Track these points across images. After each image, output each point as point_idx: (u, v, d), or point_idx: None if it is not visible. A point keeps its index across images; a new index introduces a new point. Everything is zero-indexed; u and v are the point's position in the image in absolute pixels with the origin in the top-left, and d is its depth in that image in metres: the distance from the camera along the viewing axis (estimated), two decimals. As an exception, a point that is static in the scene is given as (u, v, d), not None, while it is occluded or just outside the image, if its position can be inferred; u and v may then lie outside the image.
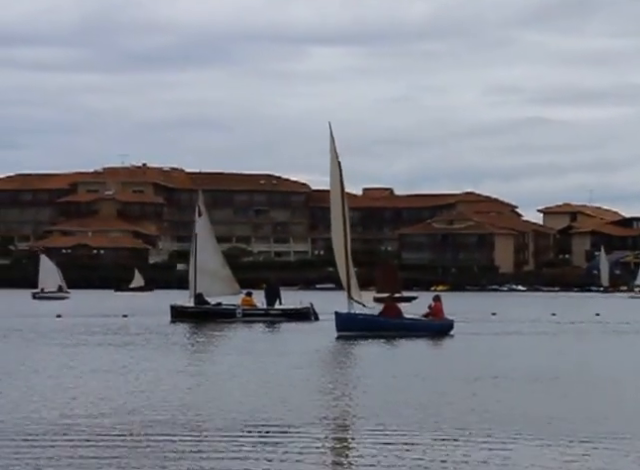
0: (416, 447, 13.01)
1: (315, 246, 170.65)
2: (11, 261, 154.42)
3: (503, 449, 12.88)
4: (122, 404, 17.02)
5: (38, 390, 18.94)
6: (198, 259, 48.03)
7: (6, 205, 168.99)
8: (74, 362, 24.92)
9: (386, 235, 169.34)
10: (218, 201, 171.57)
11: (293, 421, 15.14)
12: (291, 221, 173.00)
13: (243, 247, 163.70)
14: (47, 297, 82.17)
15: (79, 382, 20.51)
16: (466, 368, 23.77)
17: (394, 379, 21.30)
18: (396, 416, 15.65)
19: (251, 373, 22.24)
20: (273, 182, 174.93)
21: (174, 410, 16.30)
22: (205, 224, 50.22)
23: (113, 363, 24.53)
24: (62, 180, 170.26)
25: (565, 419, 15.49)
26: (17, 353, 27.88)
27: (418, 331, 35.51)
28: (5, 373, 22.15)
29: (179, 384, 20.07)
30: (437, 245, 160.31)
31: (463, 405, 16.94)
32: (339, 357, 28.34)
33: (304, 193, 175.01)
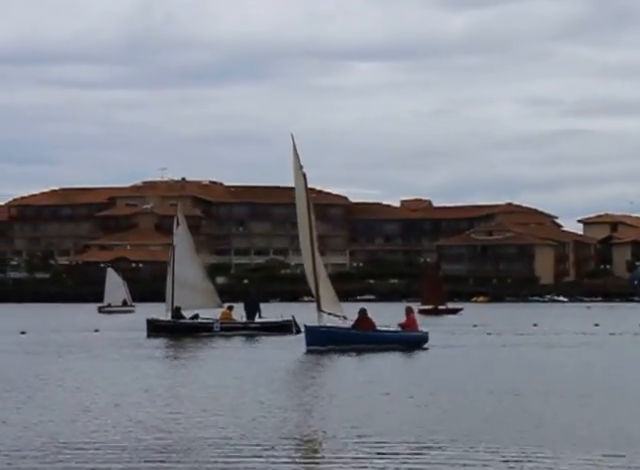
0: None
1: (354, 258, 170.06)
2: (51, 275, 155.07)
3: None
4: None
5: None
6: (176, 272, 46.34)
7: (46, 220, 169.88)
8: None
9: (425, 246, 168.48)
10: (256, 214, 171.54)
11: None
12: (329, 234, 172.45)
13: (281, 260, 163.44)
14: (113, 311, 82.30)
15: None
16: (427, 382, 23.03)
17: (346, 397, 20.06)
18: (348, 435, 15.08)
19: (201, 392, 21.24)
20: (312, 195, 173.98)
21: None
22: (184, 236, 48.15)
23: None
24: (101, 194, 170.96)
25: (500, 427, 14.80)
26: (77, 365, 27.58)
27: (392, 344, 34.27)
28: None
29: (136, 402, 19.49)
30: (476, 256, 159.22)
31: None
32: (297, 373, 27.08)
33: (343, 205, 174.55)
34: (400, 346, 34.03)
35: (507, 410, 18.12)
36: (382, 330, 35.39)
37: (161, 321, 45.39)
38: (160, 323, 45.03)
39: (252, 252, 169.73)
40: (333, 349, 33.15)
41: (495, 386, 22.20)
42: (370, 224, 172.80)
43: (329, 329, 34.92)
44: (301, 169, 36.87)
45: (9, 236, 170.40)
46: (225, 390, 21.51)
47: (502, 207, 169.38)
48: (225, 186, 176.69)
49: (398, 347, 33.84)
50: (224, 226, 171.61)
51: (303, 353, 32.99)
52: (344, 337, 34.39)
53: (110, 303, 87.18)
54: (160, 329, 44.09)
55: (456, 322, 62.10)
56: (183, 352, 35.46)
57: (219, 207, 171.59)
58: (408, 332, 35.14)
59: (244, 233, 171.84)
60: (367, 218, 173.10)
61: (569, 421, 16.63)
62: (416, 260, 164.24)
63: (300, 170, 36.87)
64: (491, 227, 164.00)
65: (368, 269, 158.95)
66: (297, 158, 36.87)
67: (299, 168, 36.93)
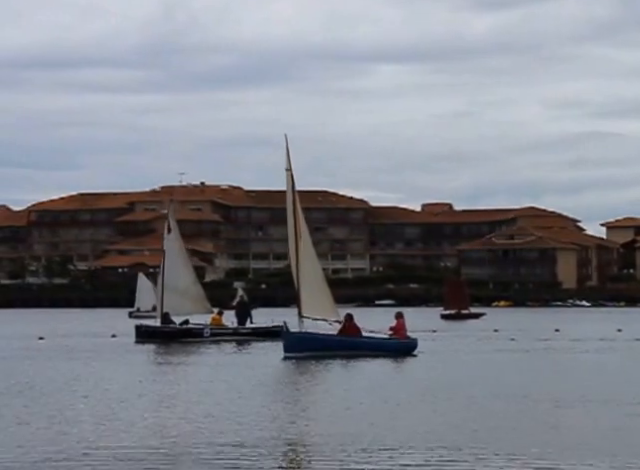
0: None
1: (374, 262, 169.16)
2: (70, 281, 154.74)
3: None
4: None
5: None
6: (166, 277, 45.75)
7: (65, 225, 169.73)
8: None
9: (446, 251, 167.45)
10: (276, 218, 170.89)
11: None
12: (349, 238, 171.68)
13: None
14: (143, 316, 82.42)
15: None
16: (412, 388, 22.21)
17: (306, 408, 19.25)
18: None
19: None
20: (331, 199, 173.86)
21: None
22: (174, 240, 47.31)
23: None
24: (120, 199, 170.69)
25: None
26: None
27: (378, 351, 32.76)
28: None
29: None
30: (498, 260, 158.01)
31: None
32: (270, 381, 25.58)
33: (362, 209, 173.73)
34: (386, 353, 32.59)
35: (518, 416, 17.20)
36: (368, 336, 33.84)
37: (150, 327, 44.78)
38: (149, 329, 44.44)
39: (271, 257, 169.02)
40: (313, 356, 31.57)
41: (506, 391, 21.21)
42: (390, 228, 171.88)
43: (308, 335, 33.32)
44: (289, 171, 36.01)
45: (28, 241, 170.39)
46: (225, 396, 20.76)
47: (524, 211, 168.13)
48: (244, 190, 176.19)
49: (384, 354, 32.42)
50: (243, 231, 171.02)
51: (280, 360, 31.48)
52: (324, 344, 32.91)
53: (139, 308, 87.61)
54: (149, 335, 43.56)
55: (478, 327, 61.12)
56: (182, 357, 34.64)
57: (238, 211, 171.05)
58: (396, 338, 33.68)
59: (263, 238, 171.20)
60: (387, 222, 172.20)
61: (587, 428, 15.91)
62: (436, 265, 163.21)
63: (288, 171, 36.03)
64: (513, 231, 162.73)
65: (388, 273, 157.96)
66: (288, 159, 36.02)
67: (287, 169, 36.12)
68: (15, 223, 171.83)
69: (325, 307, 34.31)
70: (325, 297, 34.60)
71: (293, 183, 35.87)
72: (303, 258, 34.64)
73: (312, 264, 35.08)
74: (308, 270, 34.61)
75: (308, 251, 35.10)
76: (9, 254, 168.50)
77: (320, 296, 34.46)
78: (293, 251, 34.89)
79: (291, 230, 35.20)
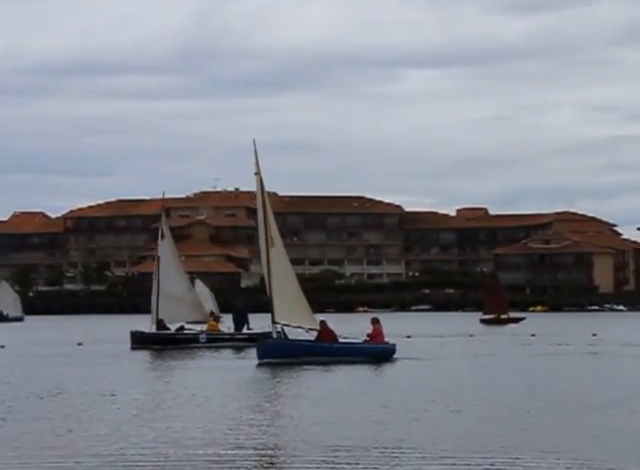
0: None
1: (409, 268, 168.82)
2: (107, 287, 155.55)
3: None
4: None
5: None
6: (161, 284, 45.63)
7: (102, 231, 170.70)
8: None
9: (481, 256, 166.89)
10: (311, 224, 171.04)
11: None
12: (384, 243, 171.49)
13: (336, 270, 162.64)
14: (201, 321, 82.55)
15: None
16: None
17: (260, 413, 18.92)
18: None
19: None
20: (366, 204, 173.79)
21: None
22: (168, 247, 47.23)
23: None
24: (155, 205, 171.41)
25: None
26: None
27: (355, 356, 32.26)
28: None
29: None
30: (534, 265, 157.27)
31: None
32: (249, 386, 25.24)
33: (397, 214, 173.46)
34: (363, 358, 32.13)
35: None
36: (344, 342, 33.41)
37: (145, 333, 44.64)
38: (144, 335, 44.33)
39: (306, 262, 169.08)
40: (287, 362, 31.10)
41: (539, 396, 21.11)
42: (425, 233, 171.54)
43: (282, 342, 32.92)
44: (257, 175, 35.44)
45: (65, 248, 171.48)
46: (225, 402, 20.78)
47: (559, 215, 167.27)
48: (279, 196, 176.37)
49: (361, 360, 31.98)
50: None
51: (254, 367, 30.95)
52: (299, 350, 32.43)
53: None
54: (144, 341, 43.43)
55: (516, 331, 60.89)
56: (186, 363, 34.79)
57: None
58: (373, 344, 33.14)
59: (298, 243, 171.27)
60: (422, 227, 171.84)
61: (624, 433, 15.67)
62: (472, 270, 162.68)
63: (257, 176, 35.46)
64: (548, 235, 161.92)
65: (424, 279, 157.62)
66: (257, 163, 35.52)
67: (256, 173, 35.51)
68: (52, 230, 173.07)
69: (300, 314, 33.78)
70: (300, 304, 34.06)
71: (262, 187, 35.32)
72: (276, 265, 34.04)
73: (285, 271, 34.49)
74: (281, 277, 34.02)
75: (281, 258, 34.54)
76: (47, 261, 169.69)
77: (295, 303, 33.89)
78: (265, 257, 34.27)
79: (262, 235, 34.63)
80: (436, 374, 28.61)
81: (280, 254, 34.60)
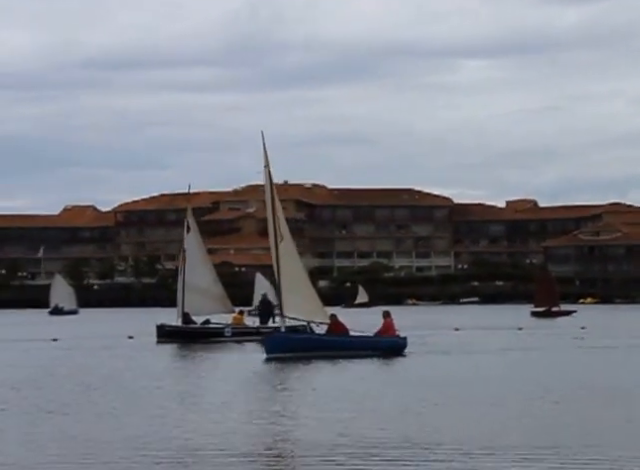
0: None
1: (458, 260, 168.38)
2: (157, 280, 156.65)
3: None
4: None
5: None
6: (187, 277, 45.89)
7: (152, 225, 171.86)
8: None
9: (531, 248, 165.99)
10: (360, 217, 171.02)
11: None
12: (433, 235, 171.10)
13: (384, 262, 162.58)
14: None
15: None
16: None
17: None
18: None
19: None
20: (415, 197, 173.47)
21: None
22: (194, 240, 47.53)
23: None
24: (205, 198, 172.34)
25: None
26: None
27: (365, 350, 31.93)
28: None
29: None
30: (584, 257, 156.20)
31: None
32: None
33: (447, 207, 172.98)
34: (373, 352, 31.80)
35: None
36: (354, 336, 33.13)
37: (171, 326, 44.76)
38: (170, 328, 44.44)
39: (355, 255, 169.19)
40: (296, 357, 30.82)
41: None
42: (474, 225, 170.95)
43: (291, 336, 32.97)
44: (266, 167, 35.29)
45: (116, 241, 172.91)
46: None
47: (610, 207, 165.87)
48: (328, 189, 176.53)
49: (371, 354, 31.64)
50: (327, 229, 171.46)
51: (262, 362, 30.71)
52: (307, 344, 32.17)
53: (258, 306, 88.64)
54: (170, 334, 43.53)
55: (566, 324, 60.61)
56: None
57: (322, 210, 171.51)
58: (383, 337, 32.83)
59: (347, 236, 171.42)
60: (471, 219, 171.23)
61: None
62: (522, 262, 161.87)
63: (266, 168, 35.30)
64: (599, 227, 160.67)
65: (473, 271, 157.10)
66: (266, 156, 35.34)
67: (265, 166, 35.34)
68: (103, 224, 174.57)
69: (310, 308, 33.58)
70: (311, 298, 33.91)
71: (271, 181, 35.26)
72: (285, 259, 33.94)
73: (295, 264, 34.38)
74: (291, 270, 33.89)
75: (290, 252, 34.41)
76: (98, 254, 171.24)
77: (304, 297, 33.71)
78: (274, 250, 34.23)
79: (271, 230, 34.51)
80: (479, 367, 28.43)
81: (289, 248, 34.44)
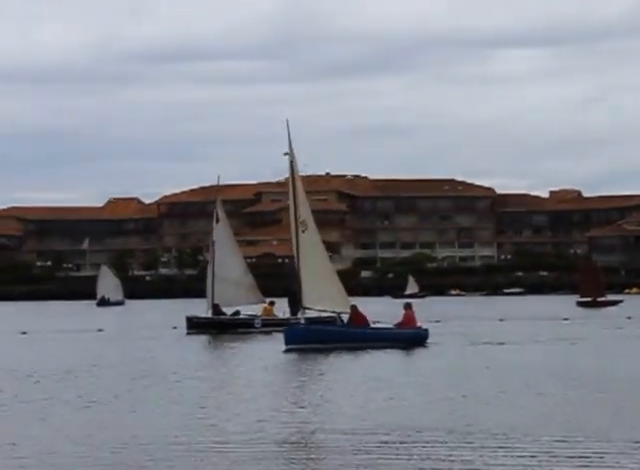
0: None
1: (502, 251, 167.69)
2: (199, 271, 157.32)
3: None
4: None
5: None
6: (216, 267, 45.80)
7: (194, 217, 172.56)
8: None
9: (575, 238, 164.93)
10: (402, 208, 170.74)
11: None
12: (476, 226, 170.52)
13: (427, 253, 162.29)
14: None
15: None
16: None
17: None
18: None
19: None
20: (458, 187, 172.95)
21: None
22: (223, 231, 47.48)
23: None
24: (247, 190, 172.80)
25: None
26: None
27: (385, 342, 31.71)
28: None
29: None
30: (629, 247, 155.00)
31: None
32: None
33: (490, 197, 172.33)
34: (394, 344, 31.58)
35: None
36: (375, 327, 32.97)
37: (201, 318, 44.77)
38: (200, 320, 44.44)
39: (398, 246, 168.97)
40: (315, 348, 30.74)
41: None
42: (518, 216, 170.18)
43: (310, 327, 32.72)
44: (287, 155, 35.14)
45: (159, 233, 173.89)
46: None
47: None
48: (370, 180, 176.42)
49: (391, 345, 31.43)
50: (369, 220, 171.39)
51: (281, 353, 30.58)
52: (327, 335, 31.99)
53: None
54: (200, 326, 43.54)
55: (612, 314, 60.16)
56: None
57: (364, 201, 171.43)
58: (404, 329, 32.64)
59: (389, 227, 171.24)
60: (515, 210, 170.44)
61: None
62: (566, 252, 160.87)
63: (287, 156, 35.18)
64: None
65: (516, 261, 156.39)
66: (290, 143, 35.07)
67: (286, 154, 35.20)
68: (147, 215, 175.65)
69: (331, 299, 33.32)
70: (333, 288, 33.59)
71: (292, 169, 34.98)
72: (308, 249, 33.64)
73: (318, 254, 34.04)
74: (313, 261, 33.62)
75: (313, 242, 34.08)
76: (142, 246, 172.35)
77: (326, 287, 33.43)
78: (294, 240, 33.96)
79: (292, 218, 34.22)
80: (523, 357, 28.41)
81: (312, 238, 34.14)
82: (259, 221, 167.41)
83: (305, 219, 34.13)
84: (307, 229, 34.05)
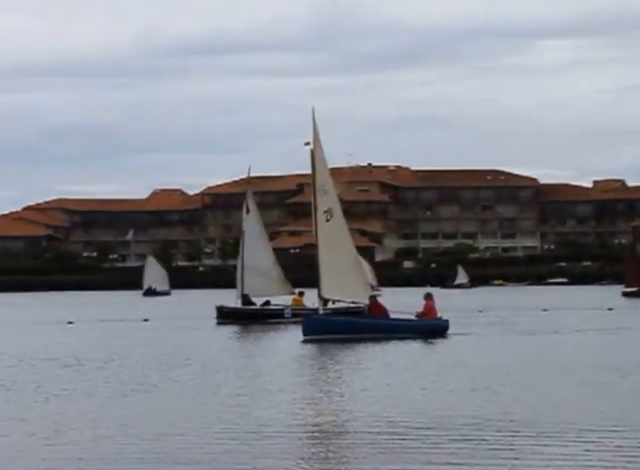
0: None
1: (545, 241, 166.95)
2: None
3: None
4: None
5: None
6: (246, 258, 45.73)
7: (237, 207, 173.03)
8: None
9: (619, 228, 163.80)
10: (444, 198, 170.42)
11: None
12: (519, 216, 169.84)
13: (469, 243, 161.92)
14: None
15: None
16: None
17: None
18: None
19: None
20: (500, 177, 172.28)
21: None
22: (253, 222, 47.37)
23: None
24: (289, 181, 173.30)
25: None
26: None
27: (405, 333, 31.40)
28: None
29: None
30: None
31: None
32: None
33: (532, 187, 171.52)
34: (413, 335, 31.34)
35: None
36: (394, 318, 32.66)
37: (231, 308, 44.98)
38: (230, 310, 44.67)
39: (440, 236, 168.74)
40: (333, 339, 30.49)
41: None
42: (561, 206, 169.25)
43: (328, 318, 32.56)
44: (307, 144, 34.39)
45: (203, 224, 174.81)
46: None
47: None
48: (412, 170, 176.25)
49: (410, 336, 31.18)
50: (411, 210, 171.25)
51: (299, 343, 30.44)
52: (345, 326, 31.70)
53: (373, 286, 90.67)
54: (230, 315, 43.75)
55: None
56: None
57: (406, 192, 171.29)
58: (425, 320, 32.35)
59: (432, 217, 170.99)
60: (558, 200, 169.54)
61: None
62: (610, 242, 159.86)
63: (308, 146, 34.40)
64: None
65: (560, 252, 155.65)
66: (315, 133, 34.33)
67: (306, 144, 34.41)
68: (190, 207, 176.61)
69: (350, 289, 32.79)
70: (353, 279, 33.01)
71: (313, 158, 34.37)
72: (330, 238, 33.08)
73: (341, 243, 33.35)
74: (335, 250, 33.01)
75: (337, 231, 33.44)
76: (185, 237, 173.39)
77: (347, 277, 32.85)
78: (315, 229, 33.46)
79: (314, 206, 33.52)
80: (566, 347, 28.39)
81: (337, 227, 33.55)
82: (301, 212, 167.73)
83: (331, 207, 33.62)
84: (333, 217, 33.53)
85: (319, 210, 33.55)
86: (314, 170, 34.29)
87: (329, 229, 33.36)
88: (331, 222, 33.48)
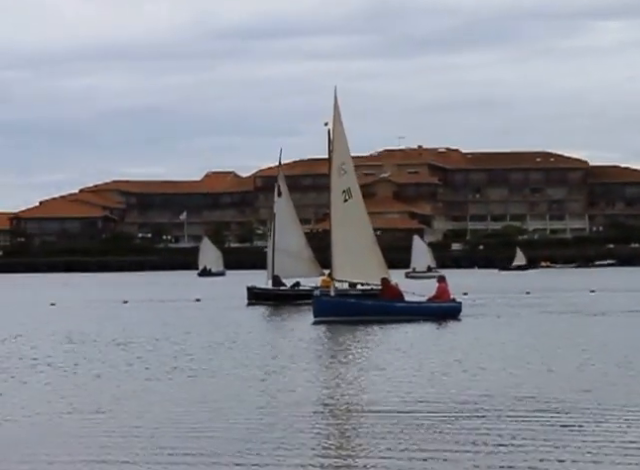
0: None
1: (593, 222, 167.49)
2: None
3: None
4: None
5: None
6: (277, 240, 45.55)
7: (289, 189, 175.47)
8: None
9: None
10: (493, 180, 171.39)
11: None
12: (568, 198, 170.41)
13: (518, 225, 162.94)
14: (418, 276, 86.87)
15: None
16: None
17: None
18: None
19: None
20: (550, 159, 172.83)
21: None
22: (285, 204, 47.14)
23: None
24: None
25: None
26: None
27: (417, 315, 31.09)
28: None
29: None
30: None
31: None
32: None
33: (582, 169, 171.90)
34: (425, 318, 31.03)
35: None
36: (406, 301, 32.25)
37: (261, 289, 45.23)
38: (260, 291, 44.93)
39: (488, 218, 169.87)
40: (344, 321, 30.10)
41: None
42: (610, 188, 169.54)
43: (339, 300, 32.03)
44: (327, 125, 34.08)
45: (255, 206, 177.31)
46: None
47: None
48: (461, 153, 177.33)
49: (422, 319, 30.87)
50: (460, 193, 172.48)
51: (310, 325, 30.07)
52: (356, 308, 31.36)
53: (415, 268, 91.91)
54: (260, 296, 44.03)
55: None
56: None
57: (455, 174, 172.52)
58: (436, 302, 32.07)
59: (481, 199, 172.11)
60: (607, 182, 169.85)
61: None
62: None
63: (327, 127, 34.02)
64: None
65: (608, 233, 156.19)
66: (335, 113, 33.72)
67: (325, 124, 34.09)
68: (243, 189, 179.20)
69: (363, 270, 32.18)
70: (370, 260, 32.37)
71: (329, 139, 33.89)
72: (347, 219, 32.56)
73: (358, 224, 32.81)
74: (350, 230, 32.47)
75: (355, 211, 32.85)
76: (238, 218, 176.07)
77: (361, 258, 32.25)
78: (331, 211, 33.05)
79: (330, 189, 32.84)
80: (611, 329, 28.39)
81: (355, 207, 32.95)
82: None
83: (350, 187, 33.12)
84: (351, 197, 33.04)
85: (338, 190, 33.06)
86: (330, 150, 33.95)
87: (347, 209, 32.87)
88: (349, 202, 32.99)
